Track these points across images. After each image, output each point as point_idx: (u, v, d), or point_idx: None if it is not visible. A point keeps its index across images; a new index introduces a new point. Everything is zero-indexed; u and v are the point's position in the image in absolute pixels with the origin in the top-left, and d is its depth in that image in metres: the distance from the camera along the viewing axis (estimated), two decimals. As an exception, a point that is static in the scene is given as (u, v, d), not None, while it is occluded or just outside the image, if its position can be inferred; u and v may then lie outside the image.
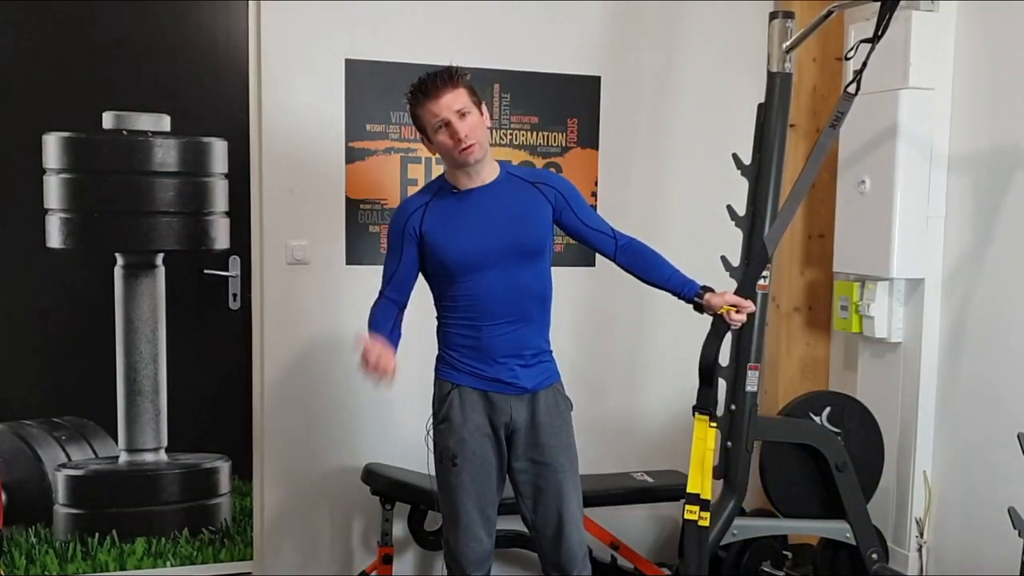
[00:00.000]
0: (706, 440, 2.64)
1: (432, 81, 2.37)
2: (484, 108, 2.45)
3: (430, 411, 3.55)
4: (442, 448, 2.50)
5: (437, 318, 2.59)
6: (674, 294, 2.56)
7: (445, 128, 2.36)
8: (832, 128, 2.82)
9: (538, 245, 2.48)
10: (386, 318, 2.53)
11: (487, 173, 2.47)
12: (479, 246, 2.42)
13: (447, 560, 2.58)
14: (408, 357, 3.51)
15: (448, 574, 2.59)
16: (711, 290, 2.53)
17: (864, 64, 2.75)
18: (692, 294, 2.52)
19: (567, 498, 2.52)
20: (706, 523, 2.67)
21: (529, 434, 2.51)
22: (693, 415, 2.68)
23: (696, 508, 2.64)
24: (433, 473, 2.56)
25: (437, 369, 2.57)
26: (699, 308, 2.54)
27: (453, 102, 2.35)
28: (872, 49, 2.76)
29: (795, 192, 2.88)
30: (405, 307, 2.56)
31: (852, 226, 3.46)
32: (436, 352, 2.63)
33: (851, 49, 2.82)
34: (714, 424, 2.67)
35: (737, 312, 2.50)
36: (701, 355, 2.70)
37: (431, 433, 2.55)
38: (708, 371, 2.69)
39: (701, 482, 2.64)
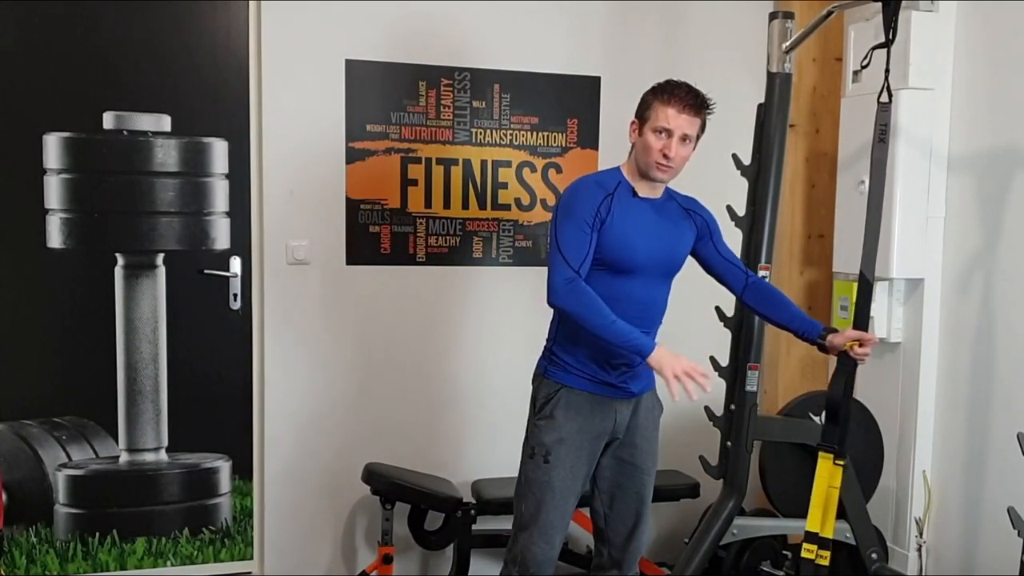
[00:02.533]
0: (830, 479, 2.65)
1: (686, 94, 2.41)
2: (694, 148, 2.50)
3: (426, 411, 3.58)
4: (537, 443, 2.48)
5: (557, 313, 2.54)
6: (797, 334, 2.60)
7: (665, 137, 2.40)
8: (881, 143, 2.80)
9: (679, 265, 2.56)
10: (602, 305, 2.34)
11: (659, 190, 2.53)
12: (645, 253, 2.43)
13: (508, 559, 2.55)
14: (408, 355, 3.52)
15: (504, 571, 2.56)
16: (833, 330, 2.56)
17: (887, 69, 2.73)
18: (815, 335, 2.55)
19: (645, 501, 2.58)
20: (825, 561, 2.65)
21: (625, 434, 2.54)
22: (817, 451, 2.70)
23: (815, 547, 2.64)
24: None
25: (545, 369, 2.53)
26: (823, 348, 2.58)
27: (688, 125, 2.40)
28: (888, 53, 2.75)
29: (871, 215, 2.83)
30: None
31: (852, 226, 3.45)
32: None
33: (865, 58, 2.81)
34: (840, 462, 2.66)
35: (861, 346, 2.54)
36: (828, 393, 2.73)
37: (527, 430, 2.54)
38: (835, 408, 2.71)
39: (822, 521, 2.63)
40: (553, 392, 2.48)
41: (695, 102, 2.41)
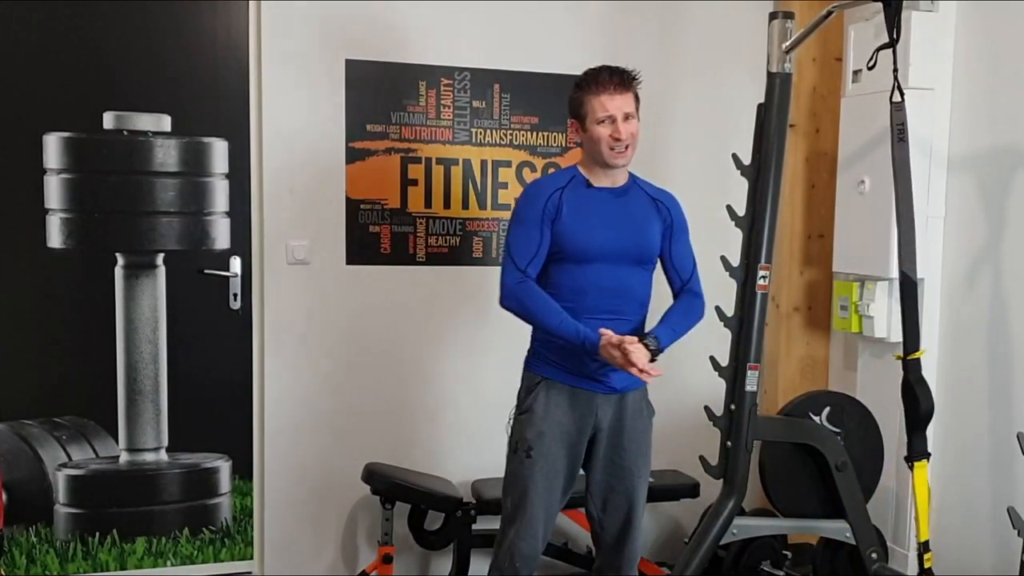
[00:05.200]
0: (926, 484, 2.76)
1: (612, 76, 2.45)
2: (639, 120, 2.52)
3: (426, 411, 3.58)
4: (519, 438, 2.51)
5: None
6: None
7: (609, 123, 2.43)
8: (901, 142, 2.80)
9: (651, 253, 2.57)
10: (551, 302, 2.43)
11: (620, 177, 2.55)
12: (603, 240, 2.46)
13: (497, 553, 2.58)
14: (408, 356, 3.52)
15: (495, 565, 2.59)
16: (649, 337, 2.42)
17: (895, 69, 2.74)
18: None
19: (637, 503, 2.59)
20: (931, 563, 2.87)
21: (612, 434, 2.54)
22: (909, 465, 2.83)
23: (931, 555, 2.88)
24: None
25: (528, 362, 2.59)
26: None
27: (624, 103, 2.44)
28: (895, 53, 2.75)
29: (901, 215, 2.84)
30: None
31: (852, 226, 3.46)
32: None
33: (871, 59, 2.82)
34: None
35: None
36: (923, 404, 2.85)
37: (511, 422, 2.57)
38: (927, 417, 2.87)
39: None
40: (534, 385, 2.52)
41: (621, 80, 2.45)
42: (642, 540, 2.63)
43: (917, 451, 2.88)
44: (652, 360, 2.37)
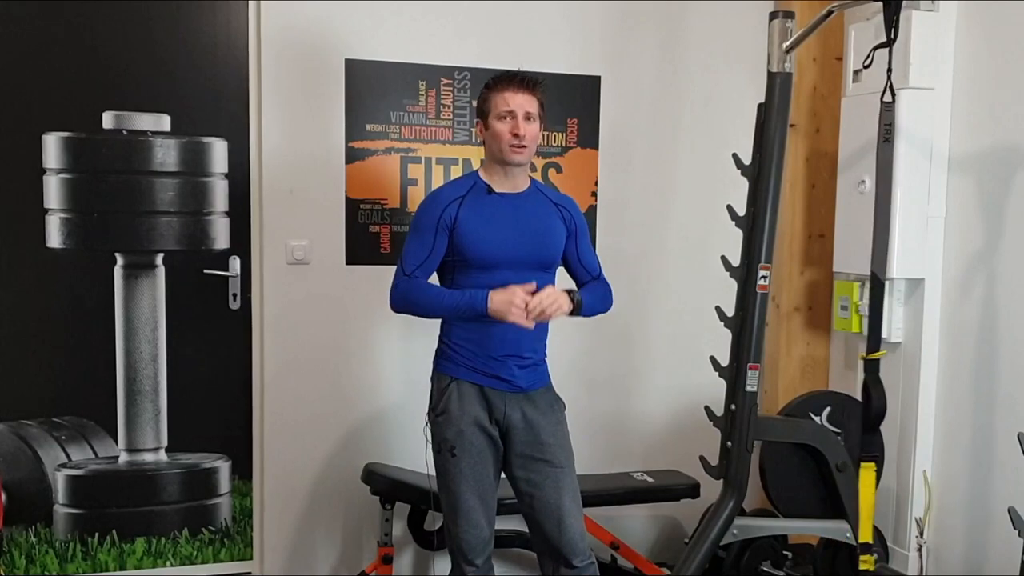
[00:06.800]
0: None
1: (518, 77, 2.55)
2: (542, 127, 2.60)
3: (427, 404, 3.57)
4: (440, 439, 2.57)
5: None
6: None
7: (509, 119, 2.50)
8: (886, 142, 2.81)
9: (553, 258, 2.62)
10: (432, 287, 2.56)
11: (520, 182, 2.60)
12: (504, 246, 2.52)
13: (449, 548, 2.64)
14: (407, 356, 3.52)
15: (451, 562, 2.64)
16: (575, 296, 2.53)
17: (889, 69, 2.75)
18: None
19: (564, 493, 2.59)
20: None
21: (526, 432, 2.57)
22: (857, 465, 2.87)
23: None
24: (431, 466, 2.62)
25: (436, 363, 2.64)
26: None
27: (527, 103, 2.52)
28: (891, 53, 2.76)
29: (879, 214, 2.86)
30: None
31: (852, 226, 3.46)
32: (434, 349, 2.65)
33: (868, 57, 2.82)
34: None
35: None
36: (876, 403, 2.86)
37: (429, 425, 2.61)
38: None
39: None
40: (445, 386, 2.57)
41: (525, 81, 2.54)
42: (582, 529, 2.60)
43: (865, 451, 2.90)
44: (572, 314, 2.51)
